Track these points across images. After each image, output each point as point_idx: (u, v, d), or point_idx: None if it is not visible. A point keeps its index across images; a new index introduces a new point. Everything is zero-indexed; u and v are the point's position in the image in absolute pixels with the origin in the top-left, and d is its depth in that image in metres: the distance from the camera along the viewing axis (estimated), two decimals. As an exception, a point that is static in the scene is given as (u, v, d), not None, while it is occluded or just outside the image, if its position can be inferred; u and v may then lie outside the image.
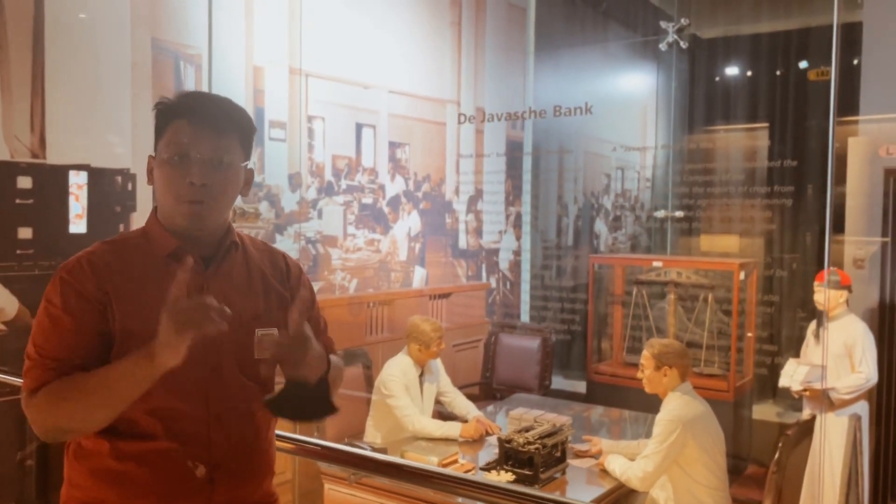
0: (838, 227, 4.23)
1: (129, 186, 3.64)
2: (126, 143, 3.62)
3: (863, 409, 3.78)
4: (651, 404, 3.77)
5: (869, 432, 3.84)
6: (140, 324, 1.35)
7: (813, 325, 3.94)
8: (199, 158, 1.38)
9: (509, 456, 3.08)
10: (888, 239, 4.07)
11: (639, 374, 3.24)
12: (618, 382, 4.88)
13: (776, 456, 2.67)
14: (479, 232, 5.60)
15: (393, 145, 5.00)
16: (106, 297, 1.37)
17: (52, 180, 3.37)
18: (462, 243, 5.51)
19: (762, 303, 4.73)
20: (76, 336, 1.36)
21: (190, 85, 3.86)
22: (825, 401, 3.73)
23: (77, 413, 1.33)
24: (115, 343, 1.37)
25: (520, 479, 2.99)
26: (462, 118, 5.47)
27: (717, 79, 5.62)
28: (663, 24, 5.14)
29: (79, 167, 3.45)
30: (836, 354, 3.76)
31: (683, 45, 5.07)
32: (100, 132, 3.54)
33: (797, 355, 4.07)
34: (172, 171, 1.38)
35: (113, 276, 1.39)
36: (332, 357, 1.54)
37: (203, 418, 1.41)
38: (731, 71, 5.62)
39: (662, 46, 5.13)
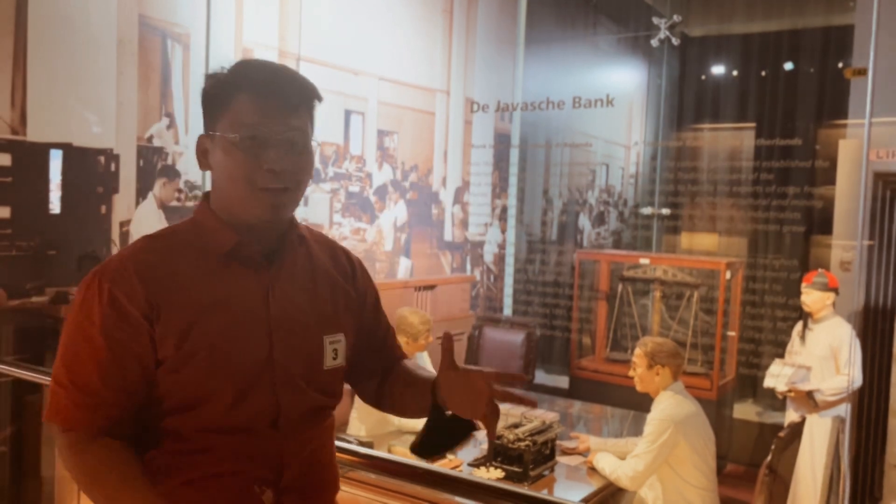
0: (826, 229, 4.25)
1: (112, 167, 3.53)
2: (110, 122, 3.51)
3: (846, 411, 3.80)
4: (633, 401, 3.77)
5: (850, 434, 3.86)
6: (195, 346, 1.16)
7: (798, 326, 3.95)
8: (274, 140, 1.18)
9: (498, 452, 3.05)
10: (874, 242, 4.09)
11: (630, 373, 3.21)
12: (600, 379, 4.88)
13: (768, 458, 2.66)
14: (465, 224, 5.55)
15: (381, 133, 4.92)
16: (154, 314, 1.16)
17: (32, 158, 3.25)
18: (448, 235, 5.46)
19: (745, 302, 4.74)
20: (118, 367, 1.15)
21: (177, 64, 3.76)
22: (809, 402, 3.74)
23: (101, 499, 1.16)
24: (159, 367, 1.17)
25: (509, 476, 2.96)
26: (475, 107, 5.41)
27: (705, 77, 5.62)
28: (655, 21, 5.12)
29: (60, 146, 3.34)
30: (822, 356, 3.78)
31: (675, 41, 5.05)
32: (83, 110, 3.43)
33: (778, 355, 4.09)
34: (245, 155, 1.18)
35: (162, 284, 1.18)
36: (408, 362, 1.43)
37: (272, 437, 1.22)
38: (720, 70, 5.62)
39: (654, 43, 5.11)
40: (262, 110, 1.18)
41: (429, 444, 1.31)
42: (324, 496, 1.34)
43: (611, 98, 4.96)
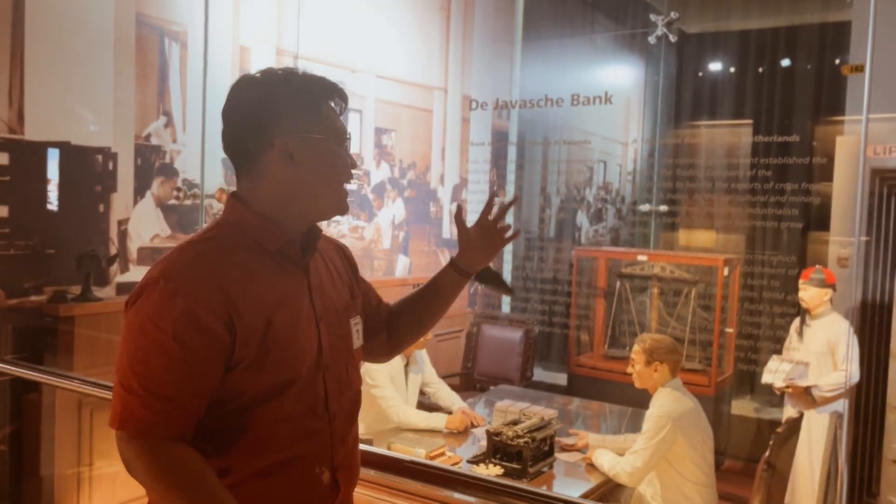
0: (823, 225, 4.26)
1: (110, 165, 3.53)
2: (107, 121, 3.50)
3: (843, 406, 3.81)
4: (631, 398, 3.78)
5: (848, 430, 3.87)
6: (267, 346, 1.20)
7: (796, 322, 3.96)
8: (349, 142, 1.34)
9: (498, 449, 3.05)
10: (870, 238, 4.10)
11: (629, 369, 3.22)
12: (599, 375, 4.88)
13: (766, 454, 2.67)
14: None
15: (379, 131, 4.92)
16: (235, 320, 1.18)
17: (30, 157, 3.25)
18: (446, 232, 5.46)
19: (743, 298, 4.75)
20: (194, 374, 1.16)
21: (175, 63, 3.75)
22: (807, 398, 3.75)
23: (171, 500, 1.17)
24: (236, 367, 1.19)
25: (508, 473, 2.96)
26: (474, 104, 5.43)
27: (703, 74, 5.63)
28: (653, 18, 5.12)
29: (57, 144, 3.33)
30: (819, 352, 3.79)
31: (672, 38, 5.05)
32: (80, 109, 3.42)
33: (776, 352, 4.10)
34: (342, 154, 1.30)
35: (237, 288, 1.19)
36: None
37: (324, 419, 1.30)
38: (718, 66, 5.62)
39: (651, 40, 5.11)
40: (338, 116, 1.32)
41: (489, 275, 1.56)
42: (358, 475, 1.45)
43: (609, 95, 4.97)
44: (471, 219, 1.50)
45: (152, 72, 3.66)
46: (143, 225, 3.59)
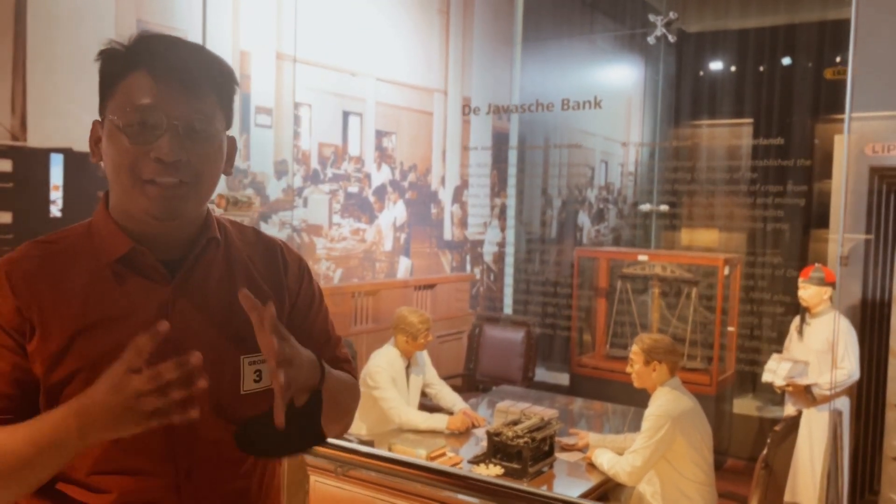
0: (823, 224, 4.26)
1: (112, 171, 3.56)
2: (109, 126, 3.54)
3: (844, 404, 3.82)
4: (634, 398, 3.79)
5: (850, 427, 3.88)
6: (73, 366, 1.02)
7: (796, 321, 3.97)
8: (168, 125, 1.02)
9: (498, 449, 3.07)
10: (871, 236, 4.10)
11: (628, 369, 3.24)
12: (601, 375, 4.90)
13: (764, 452, 2.68)
14: (464, 223, 5.57)
15: (379, 134, 4.95)
16: (28, 328, 1.02)
17: (33, 164, 3.28)
18: (447, 234, 5.48)
19: (744, 298, 4.76)
20: None
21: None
22: (807, 396, 3.76)
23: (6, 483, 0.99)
24: (40, 390, 1.03)
25: (508, 473, 2.98)
26: (466, 109, 5.43)
27: (703, 73, 5.64)
28: (652, 18, 5.13)
29: (60, 151, 3.37)
30: (819, 350, 3.80)
31: (671, 38, 5.06)
32: (82, 115, 3.45)
33: (777, 350, 4.11)
34: (130, 142, 1.02)
35: (39, 296, 1.03)
36: (336, 372, 1.18)
37: (170, 477, 1.06)
38: (718, 66, 5.63)
39: (650, 40, 5.12)
40: (156, 90, 1.02)
41: (247, 437, 1.10)
42: None
43: (598, 100, 4.97)
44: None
45: (153, 77, 3.69)
46: (145, 229, 3.61)
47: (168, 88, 1.02)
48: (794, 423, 3.10)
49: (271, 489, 1.21)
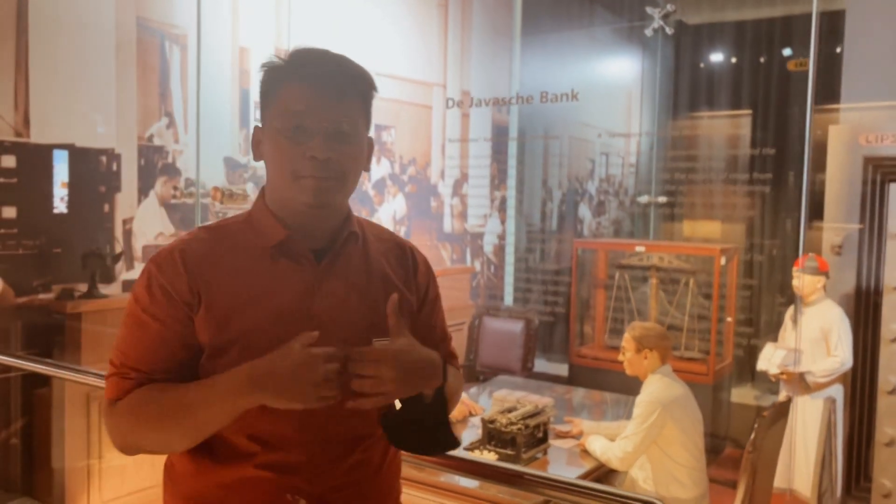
0: (817, 214, 4.30)
1: (114, 166, 3.63)
2: (110, 122, 3.61)
3: (837, 392, 3.86)
4: (632, 387, 3.83)
5: (843, 415, 3.92)
6: (231, 335, 1.16)
7: (791, 309, 4.01)
8: (320, 129, 1.17)
9: (492, 436, 3.13)
10: (863, 225, 4.14)
11: (620, 357, 3.29)
12: (600, 365, 4.94)
13: (752, 436, 2.73)
14: (464, 216, 5.63)
15: (379, 128, 5.00)
16: (196, 300, 1.17)
17: (36, 159, 3.36)
18: (447, 227, 5.54)
19: (742, 287, 4.80)
20: (162, 346, 1.17)
21: (175, 65, 3.85)
22: (801, 384, 3.80)
23: (150, 433, 1.16)
24: (203, 354, 1.18)
25: (502, 459, 3.03)
26: (450, 103, 5.46)
27: (702, 65, 5.66)
28: (649, 10, 5.16)
29: (63, 146, 3.44)
30: (813, 339, 3.84)
31: (669, 31, 5.09)
32: (84, 112, 3.52)
33: (775, 339, 4.15)
34: (289, 144, 1.17)
35: (206, 273, 1.19)
36: (451, 369, 1.32)
37: (308, 445, 1.20)
38: (716, 57, 5.66)
39: (648, 32, 5.15)
40: (309, 99, 1.18)
41: (394, 426, 1.25)
42: None
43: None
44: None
45: (153, 74, 3.76)
46: (147, 224, 3.69)
47: (319, 96, 1.18)
48: (782, 409, 3.14)
49: (394, 462, 1.35)
